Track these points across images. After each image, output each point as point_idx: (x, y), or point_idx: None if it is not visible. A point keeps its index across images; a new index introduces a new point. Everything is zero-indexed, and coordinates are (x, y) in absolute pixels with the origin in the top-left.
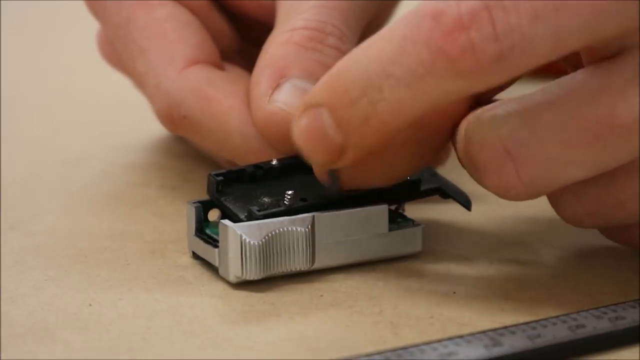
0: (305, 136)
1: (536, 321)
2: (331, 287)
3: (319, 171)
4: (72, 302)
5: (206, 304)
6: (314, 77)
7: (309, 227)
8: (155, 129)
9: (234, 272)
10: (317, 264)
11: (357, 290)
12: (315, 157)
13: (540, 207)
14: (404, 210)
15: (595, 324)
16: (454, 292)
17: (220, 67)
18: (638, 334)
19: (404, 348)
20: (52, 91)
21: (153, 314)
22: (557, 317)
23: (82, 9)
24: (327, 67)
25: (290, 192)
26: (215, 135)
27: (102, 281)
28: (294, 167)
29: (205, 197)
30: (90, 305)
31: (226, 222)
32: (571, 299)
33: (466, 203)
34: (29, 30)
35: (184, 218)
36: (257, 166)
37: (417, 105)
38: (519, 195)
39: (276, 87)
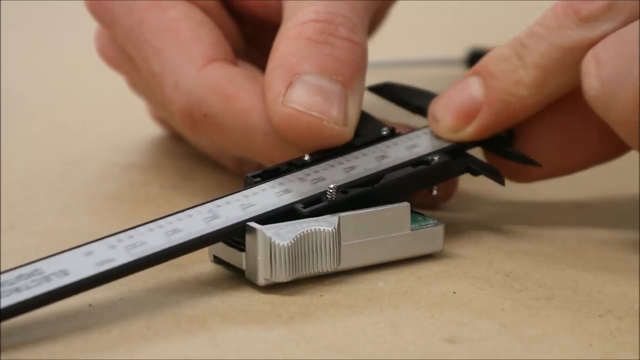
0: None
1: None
2: (331, 287)
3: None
4: (72, 302)
5: (206, 304)
6: (327, 72)
7: (335, 227)
8: (155, 129)
9: (263, 274)
10: (343, 265)
11: (357, 290)
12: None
13: (540, 207)
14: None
15: None
16: (454, 292)
17: (235, 65)
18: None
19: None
20: (52, 91)
21: (153, 314)
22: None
23: (82, 9)
24: (340, 60)
25: (332, 186)
26: (237, 133)
27: None
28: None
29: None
30: (90, 305)
31: (253, 224)
32: (571, 299)
33: (498, 177)
34: (29, 30)
35: None
36: (290, 163)
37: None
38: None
39: (289, 85)
